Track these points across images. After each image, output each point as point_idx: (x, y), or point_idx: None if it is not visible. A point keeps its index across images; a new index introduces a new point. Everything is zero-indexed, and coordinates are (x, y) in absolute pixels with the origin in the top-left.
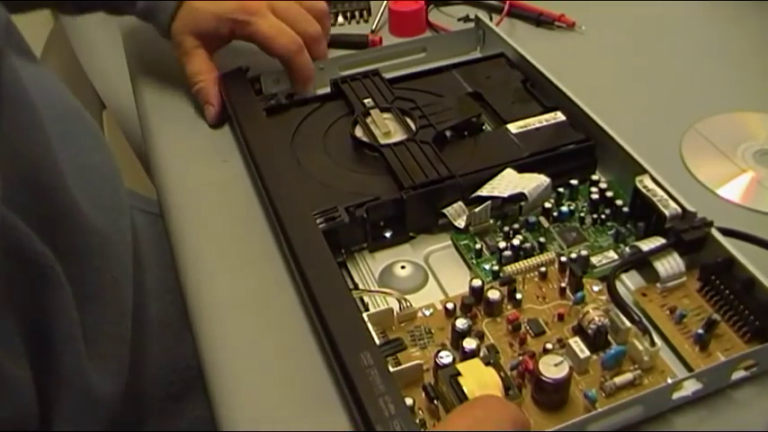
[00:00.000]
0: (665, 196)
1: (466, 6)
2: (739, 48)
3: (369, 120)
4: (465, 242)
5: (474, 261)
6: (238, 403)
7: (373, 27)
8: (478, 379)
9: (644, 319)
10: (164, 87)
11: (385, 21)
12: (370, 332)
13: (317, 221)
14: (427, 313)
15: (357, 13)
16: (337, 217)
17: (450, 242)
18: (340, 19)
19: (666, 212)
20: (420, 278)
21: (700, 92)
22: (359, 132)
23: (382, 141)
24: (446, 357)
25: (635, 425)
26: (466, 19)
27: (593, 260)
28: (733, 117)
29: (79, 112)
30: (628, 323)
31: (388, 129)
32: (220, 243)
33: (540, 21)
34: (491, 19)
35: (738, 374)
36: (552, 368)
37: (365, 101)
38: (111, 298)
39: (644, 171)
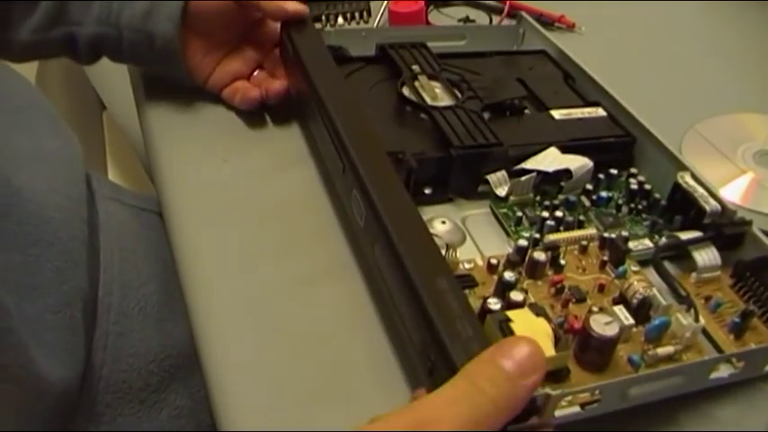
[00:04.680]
0: (706, 193)
1: (466, 7)
2: (739, 49)
3: (416, 83)
4: (504, 211)
5: (513, 228)
6: (239, 394)
7: (373, 28)
8: (529, 327)
9: (691, 294)
10: (163, 87)
11: (385, 21)
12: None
13: None
14: (468, 266)
15: (357, 14)
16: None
17: (487, 209)
18: (340, 20)
19: (707, 207)
20: (459, 235)
21: (700, 93)
22: (406, 92)
23: (430, 104)
24: (495, 304)
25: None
26: (466, 20)
27: (630, 245)
28: (733, 118)
29: (37, 102)
30: (668, 300)
31: (435, 94)
32: (221, 241)
33: (540, 22)
34: (491, 20)
35: None
36: (603, 326)
37: (412, 67)
38: (53, 287)
39: (684, 169)
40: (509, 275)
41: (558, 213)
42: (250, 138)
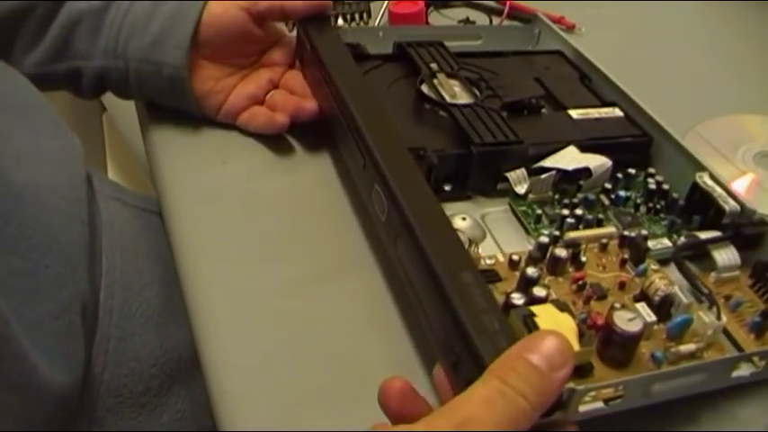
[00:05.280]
0: (724, 193)
1: (466, 9)
2: (739, 50)
3: (435, 81)
4: (523, 208)
5: (533, 226)
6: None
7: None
8: (554, 322)
9: (713, 292)
10: None
11: (385, 23)
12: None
13: None
14: (489, 262)
15: (357, 15)
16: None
17: (506, 207)
18: (340, 21)
19: (726, 207)
20: (479, 232)
21: (700, 94)
22: (426, 89)
23: (450, 101)
24: (519, 299)
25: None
26: (466, 21)
27: (649, 244)
28: (733, 119)
29: (38, 102)
30: (688, 298)
31: (454, 92)
32: (221, 243)
33: None
34: (491, 21)
35: None
36: (627, 322)
37: (431, 65)
38: (53, 292)
39: (703, 169)
40: (532, 271)
41: (578, 211)
42: (249, 139)
